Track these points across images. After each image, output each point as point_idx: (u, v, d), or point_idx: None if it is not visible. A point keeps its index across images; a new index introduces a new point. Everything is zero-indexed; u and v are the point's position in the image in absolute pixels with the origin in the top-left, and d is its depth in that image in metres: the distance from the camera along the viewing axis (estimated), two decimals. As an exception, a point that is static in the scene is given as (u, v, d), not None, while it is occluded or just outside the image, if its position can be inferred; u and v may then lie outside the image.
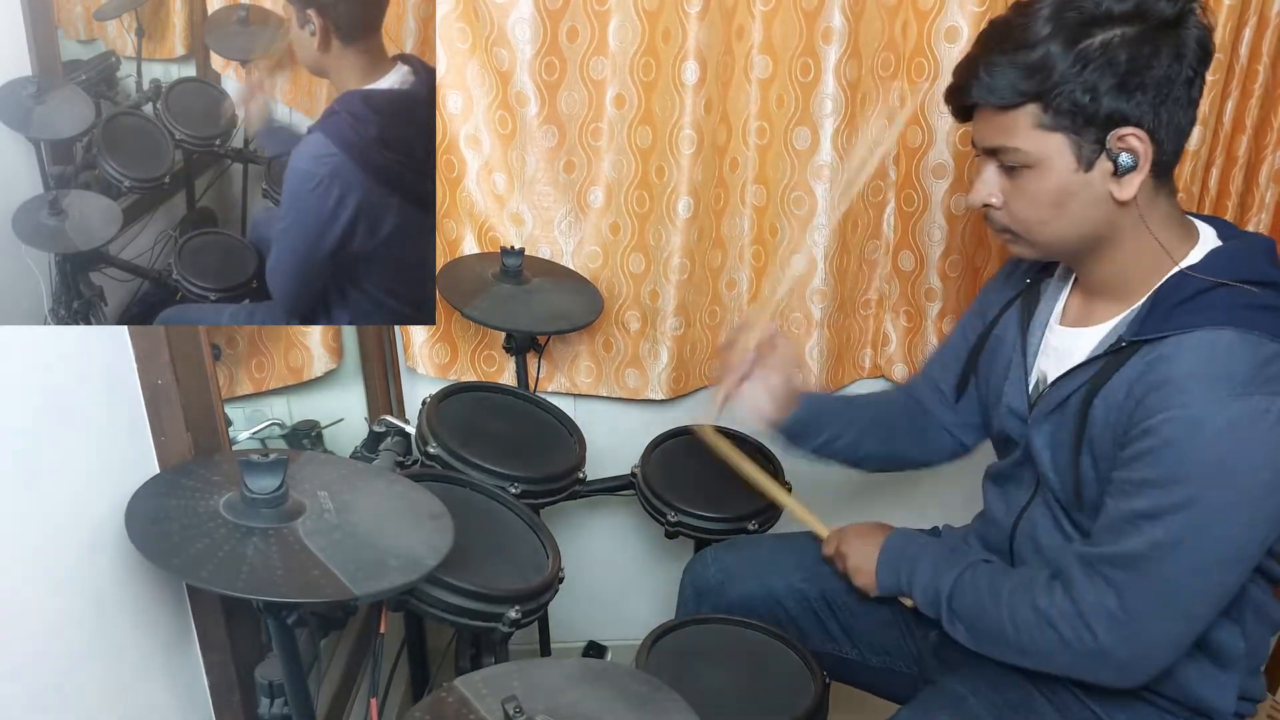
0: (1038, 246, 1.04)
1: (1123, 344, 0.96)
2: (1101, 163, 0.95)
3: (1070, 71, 0.91)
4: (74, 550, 0.82)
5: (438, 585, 1.04)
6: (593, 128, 1.51)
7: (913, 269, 1.65)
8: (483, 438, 1.37)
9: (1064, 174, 0.96)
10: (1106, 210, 0.98)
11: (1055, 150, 0.96)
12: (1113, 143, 0.94)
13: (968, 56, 1.00)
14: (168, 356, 0.92)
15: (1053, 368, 1.07)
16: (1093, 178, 0.96)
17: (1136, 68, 0.91)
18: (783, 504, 1.36)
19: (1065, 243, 1.02)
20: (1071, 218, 0.99)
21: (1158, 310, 0.95)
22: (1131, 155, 0.94)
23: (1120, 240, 1.00)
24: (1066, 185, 0.97)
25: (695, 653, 1.22)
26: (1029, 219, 1.01)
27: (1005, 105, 0.96)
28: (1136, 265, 1.00)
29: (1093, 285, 1.05)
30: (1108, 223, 0.99)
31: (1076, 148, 0.95)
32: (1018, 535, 1.14)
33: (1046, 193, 0.98)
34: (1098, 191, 0.97)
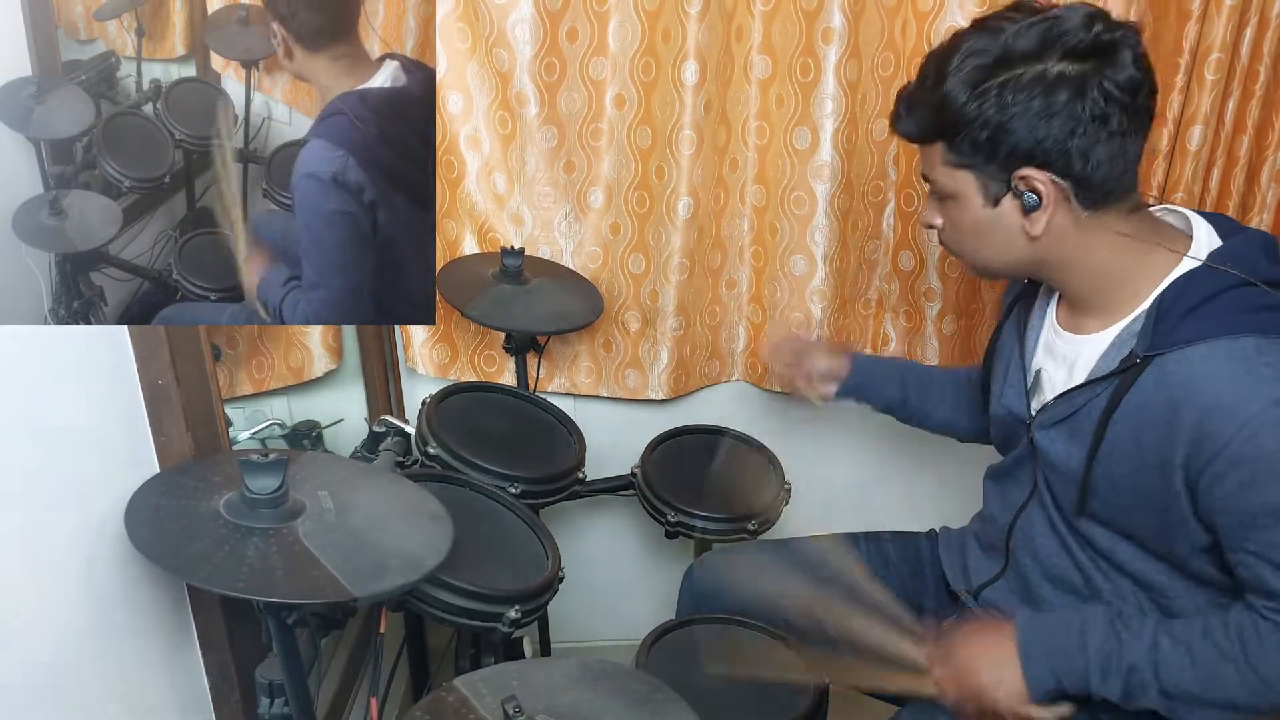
0: (976, 270, 1.08)
1: (1137, 359, 0.95)
2: (1008, 200, 0.97)
3: (969, 111, 0.93)
4: (74, 550, 0.82)
5: (438, 585, 1.04)
6: (593, 128, 1.51)
7: (912, 269, 1.65)
8: (483, 438, 1.37)
9: (974, 209, 0.99)
10: (1024, 243, 0.99)
11: (964, 186, 0.98)
12: (1016, 182, 0.95)
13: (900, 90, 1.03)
14: (168, 356, 0.92)
15: (1059, 373, 1.06)
16: (1002, 212, 0.98)
17: (1034, 107, 0.91)
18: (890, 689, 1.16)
19: (1000, 268, 1.05)
20: (994, 249, 1.02)
21: (1166, 321, 0.94)
22: (1034, 195, 0.95)
23: (1068, 263, 1.00)
24: (978, 220, 1.00)
25: (695, 653, 1.21)
26: (959, 246, 1.06)
27: (921, 141, 1.01)
28: (1110, 279, 0.99)
29: (1069, 297, 1.05)
30: (1037, 252, 1.00)
31: (983, 185, 0.97)
32: (1014, 534, 1.14)
33: (966, 224, 1.01)
34: (1011, 225, 0.98)
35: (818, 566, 1.32)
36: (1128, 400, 0.95)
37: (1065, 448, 1.03)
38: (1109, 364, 0.99)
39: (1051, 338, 1.09)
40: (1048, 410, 1.05)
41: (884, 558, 1.33)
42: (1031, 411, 1.09)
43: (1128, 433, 0.96)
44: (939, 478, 1.83)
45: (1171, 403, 0.91)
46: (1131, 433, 0.95)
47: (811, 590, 1.29)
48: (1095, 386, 0.99)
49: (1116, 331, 1.00)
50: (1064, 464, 1.03)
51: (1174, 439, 0.91)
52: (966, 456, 1.37)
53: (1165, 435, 0.92)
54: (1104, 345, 1.00)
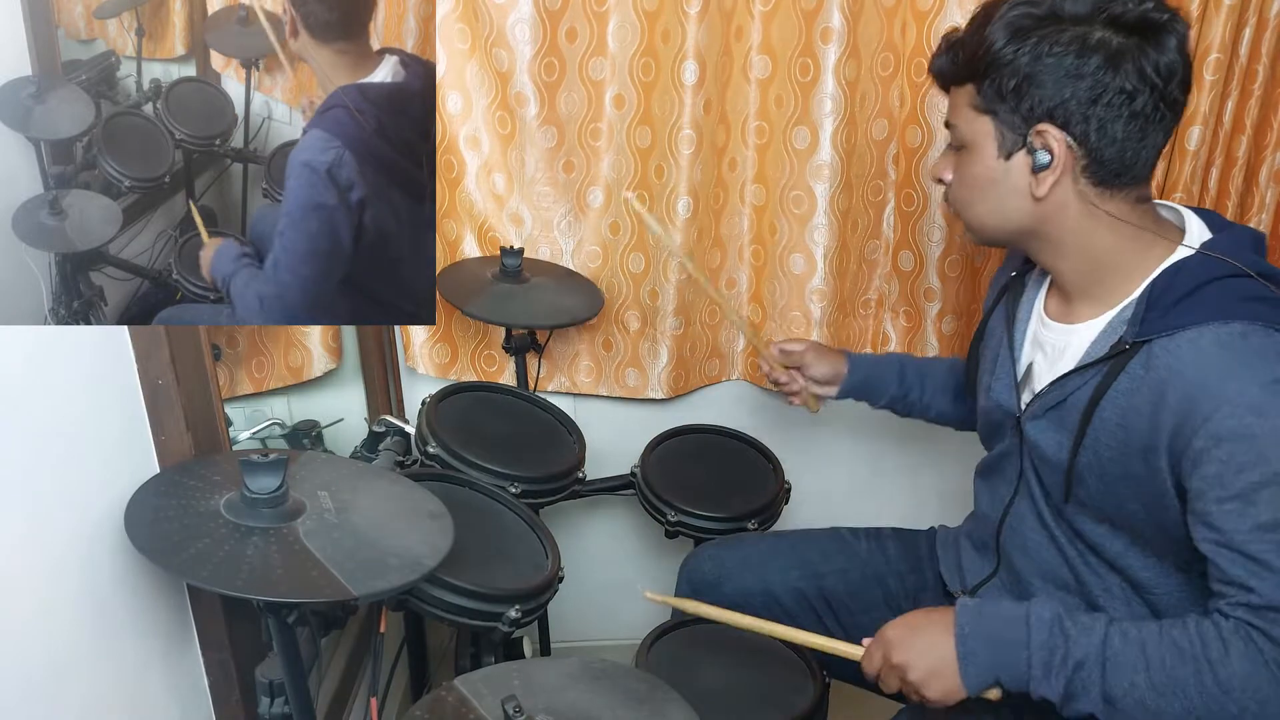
0: (971, 230, 1.08)
1: (1126, 345, 0.96)
2: (1021, 155, 0.97)
3: (1004, 56, 0.94)
4: (74, 550, 0.82)
5: (438, 585, 1.04)
6: (592, 128, 1.51)
7: (912, 269, 1.65)
8: (483, 438, 1.37)
9: (988, 159, 1.00)
10: (1026, 205, 0.99)
11: (983, 133, 0.99)
12: (1032, 137, 0.96)
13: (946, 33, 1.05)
14: (168, 356, 0.92)
15: (1047, 363, 1.07)
16: (1011, 168, 0.98)
17: (1066, 65, 0.92)
18: (798, 640, 1.10)
19: (992, 230, 1.05)
20: (991, 205, 1.02)
21: (1156, 309, 0.94)
22: (1048, 153, 0.95)
23: (1063, 240, 1.00)
24: (989, 171, 1.00)
25: (695, 652, 1.22)
26: (959, 198, 1.06)
27: (953, 82, 1.02)
28: (1105, 264, 1.00)
29: (1061, 282, 1.06)
30: (1034, 217, 1.00)
31: (1000, 135, 0.98)
32: (1004, 531, 1.14)
33: (974, 176, 1.02)
34: (1017, 184, 0.99)
35: (813, 558, 1.32)
36: (1116, 386, 0.96)
37: (1054, 436, 1.03)
38: (1099, 351, 0.99)
39: (1040, 329, 1.09)
40: (1038, 400, 1.05)
41: (885, 554, 1.33)
42: (1021, 404, 1.09)
43: (1115, 418, 0.96)
44: (939, 476, 1.83)
45: (1158, 385, 0.92)
46: (1119, 418, 0.96)
47: (806, 579, 1.30)
48: (1085, 373, 1.00)
49: (1108, 319, 1.00)
50: (1053, 453, 1.03)
51: (1159, 421, 0.91)
52: (966, 455, 1.37)
53: (1151, 418, 0.92)
54: (1094, 333, 1.01)
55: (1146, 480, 0.94)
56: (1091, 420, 0.98)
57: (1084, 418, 0.99)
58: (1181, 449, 0.90)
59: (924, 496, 1.85)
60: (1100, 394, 0.97)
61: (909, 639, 1.00)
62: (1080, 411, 0.99)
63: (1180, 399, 0.90)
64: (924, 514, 1.52)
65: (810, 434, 1.79)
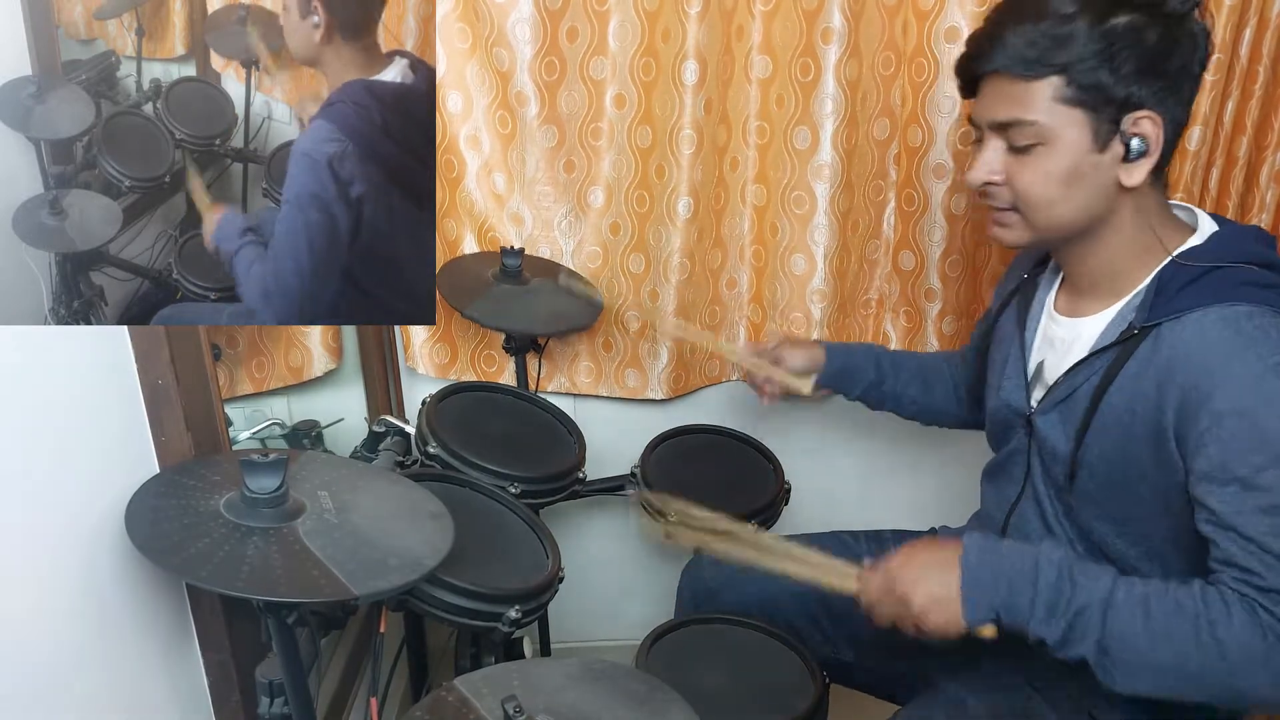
0: (1036, 229, 1.02)
1: (1134, 330, 0.96)
2: (1114, 145, 0.95)
3: (1096, 47, 0.92)
4: (74, 550, 0.82)
5: (438, 585, 1.04)
6: (593, 128, 1.51)
7: (913, 269, 1.65)
8: (483, 438, 1.37)
9: (1077, 153, 0.96)
10: (1110, 196, 0.98)
11: (1072, 126, 0.95)
12: (1128, 125, 0.94)
13: (987, 25, 0.99)
14: (168, 356, 0.92)
15: (1057, 358, 1.07)
16: (1103, 160, 0.96)
17: (1159, 53, 0.92)
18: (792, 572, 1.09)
19: (1065, 226, 1.01)
20: (1077, 200, 0.98)
21: (1164, 295, 0.95)
22: (1143, 140, 0.94)
23: (1112, 230, 1.00)
24: (1078, 165, 0.96)
25: (695, 653, 1.22)
26: (1035, 198, 0.99)
27: (1027, 75, 0.95)
28: (1124, 257, 1.00)
29: (1079, 278, 1.06)
30: (1108, 209, 0.99)
31: (1094, 126, 0.95)
32: (1008, 530, 1.14)
33: (1057, 171, 0.97)
34: (1106, 175, 0.97)
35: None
36: (1124, 372, 0.96)
37: (1062, 428, 1.03)
38: (1108, 339, 1.00)
39: (1050, 325, 1.10)
40: (1049, 395, 1.05)
41: (885, 556, 1.32)
42: (1032, 404, 1.09)
43: (1122, 404, 0.96)
44: (939, 477, 1.83)
45: (1164, 367, 0.92)
46: (1126, 403, 0.96)
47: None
48: (1093, 362, 1.00)
49: (1118, 309, 1.01)
50: (1061, 445, 1.03)
51: (1165, 401, 0.92)
52: (967, 456, 1.37)
53: (1157, 401, 0.92)
54: (1103, 324, 1.01)
55: (1152, 465, 0.95)
56: (1100, 406, 0.98)
57: (1091, 404, 0.98)
58: (1186, 429, 0.90)
59: (925, 497, 1.85)
60: (1109, 380, 0.97)
61: (912, 569, 0.98)
62: (1088, 399, 0.99)
63: (1185, 379, 0.90)
64: (924, 515, 1.52)
65: (810, 434, 1.79)
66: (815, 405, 1.77)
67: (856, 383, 1.38)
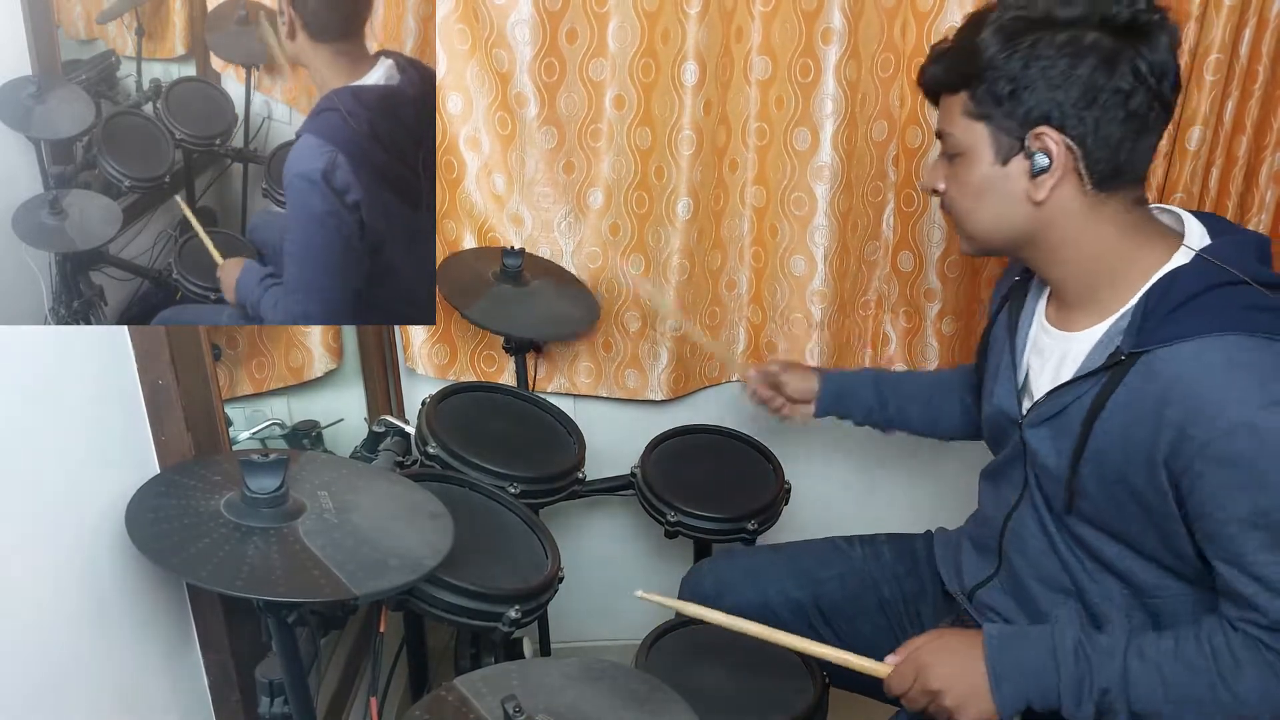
0: (969, 239, 1.06)
1: (1122, 356, 0.95)
2: (1019, 160, 0.97)
3: (997, 60, 0.94)
4: (74, 550, 0.82)
5: (438, 585, 1.04)
6: (592, 129, 1.51)
7: (912, 269, 1.65)
8: (482, 438, 1.37)
9: (984, 165, 0.99)
10: (1026, 210, 0.99)
11: (978, 140, 0.98)
12: (1030, 140, 0.95)
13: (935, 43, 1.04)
14: (168, 356, 0.92)
15: (1047, 370, 1.06)
16: (1009, 173, 0.98)
17: (1060, 67, 0.92)
18: (824, 655, 1.08)
19: (991, 237, 1.04)
20: (990, 212, 1.01)
21: (1152, 318, 0.94)
22: (1046, 156, 0.95)
23: (1062, 245, 1.00)
24: (986, 177, 0.99)
25: (695, 653, 1.22)
26: (958, 208, 1.04)
27: (947, 89, 1.01)
28: (1096, 272, 0.99)
29: (1059, 291, 1.05)
30: (1034, 222, 0.99)
31: (996, 140, 0.97)
32: (1007, 533, 1.14)
33: (971, 183, 1.01)
34: (1015, 189, 0.98)
35: (809, 568, 1.32)
36: (1115, 399, 0.95)
37: (1053, 445, 1.02)
38: (1095, 361, 0.99)
39: (1040, 335, 1.09)
40: (1037, 408, 1.05)
41: (880, 560, 1.33)
42: (1023, 411, 1.09)
43: (1116, 430, 0.95)
44: (938, 478, 1.83)
45: (1158, 400, 0.91)
46: (1120, 430, 0.95)
47: (803, 589, 1.30)
48: (1081, 384, 0.99)
49: (1104, 328, 1.00)
50: (1053, 463, 1.03)
51: (1158, 436, 0.91)
52: (964, 458, 1.37)
53: (1151, 432, 0.92)
54: (1091, 342, 1.00)
55: (1147, 491, 0.94)
56: (1092, 431, 0.97)
57: (1084, 429, 0.98)
58: (1181, 467, 0.90)
59: (924, 496, 1.85)
60: (1099, 405, 0.96)
61: (942, 662, 1.01)
62: (1080, 422, 0.98)
63: (1179, 416, 0.89)
64: (924, 513, 1.52)
65: (810, 435, 1.78)
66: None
67: (857, 406, 1.40)
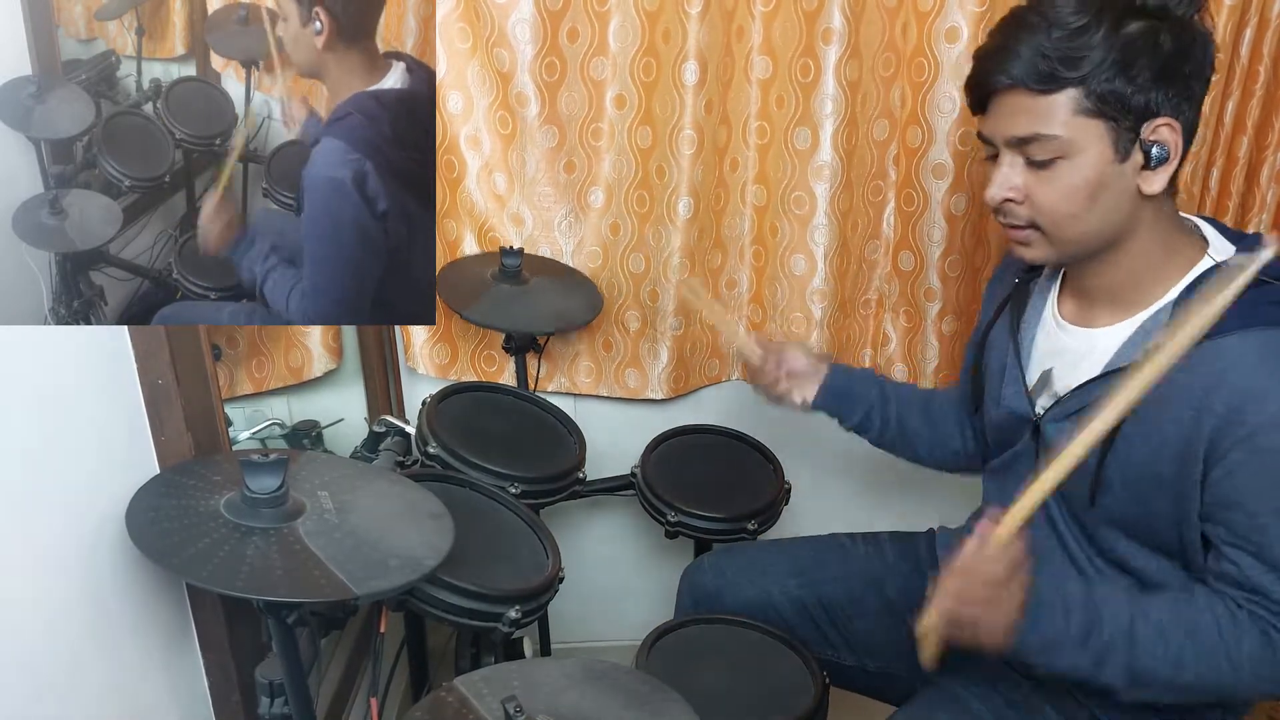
0: (1060, 244, 1.00)
1: None
2: (1135, 154, 0.95)
3: (1112, 57, 0.91)
4: (74, 550, 0.82)
5: (438, 585, 1.04)
6: (593, 128, 1.51)
7: (912, 269, 1.64)
8: (483, 438, 1.37)
9: (1100, 164, 0.95)
10: (1131, 206, 0.97)
11: (1094, 138, 0.94)
12: (1147, 133, 0.94)
13: (995, 40, 0.98)
14: (168, 356, 0.92)
15: (1067, 367, 1.05)
16: (1125, 169, 0.95)
17: (1173, 58, 0.91)
18: None
19: (1088, 240, 0.99)
20: (1100, 212, 0.97)
21: None
22: (1163, 147, 0.94)
23: (1133, 240, 0.99)
24: (1101, 176, 0.95)
25: (695, 653, 1.22)
26: (1060, 213, 0.98)
27: (1044, 89, 0.94)
28: (1143, 268, 0.99)
29: (1094, 290, 1.04)
30: (1130, 221, 0.98)
31: (1114, 136, 0.94)
32: None
33: (1081, 184, 0.96)
34: (1128, 184, 0.96)
35: (811, 565, 1.32)
36: (1152, 392, 0.94)
37: None
38: (1128, 355, 0.98)
39: (1056, 332, 1.08)
40: (1062, 404, 1.04)
41: (882, 558, 1.33)
42: (1038, 409, 1.08)
43: (1149, 423, 0.94)
44: (938, 479, 1.82)
45: (1202, 390, 0.90)
46: (1153, 422, 0.94)
47: (806, 587, 1.30)
48: (1113, 378, 0.98)
49: (1139, 322, 0.99)
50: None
51: (1200, 425, 0.91)
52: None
53: (1192, 423, 0.91)
54: (1123, 337, 1.00)
55: (1173, 482, 0.94)
56: (1123, 427, 0.95)
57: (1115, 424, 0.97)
58: (1218, 456, 0.90)
59: (924, 496, 1.84)
60: None
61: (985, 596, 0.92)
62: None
63: (1224, 407, 0.89)
64: (923, 514, 1.52)
65: (811, 434, 1.78)
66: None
67: (858, 403, 1.32)
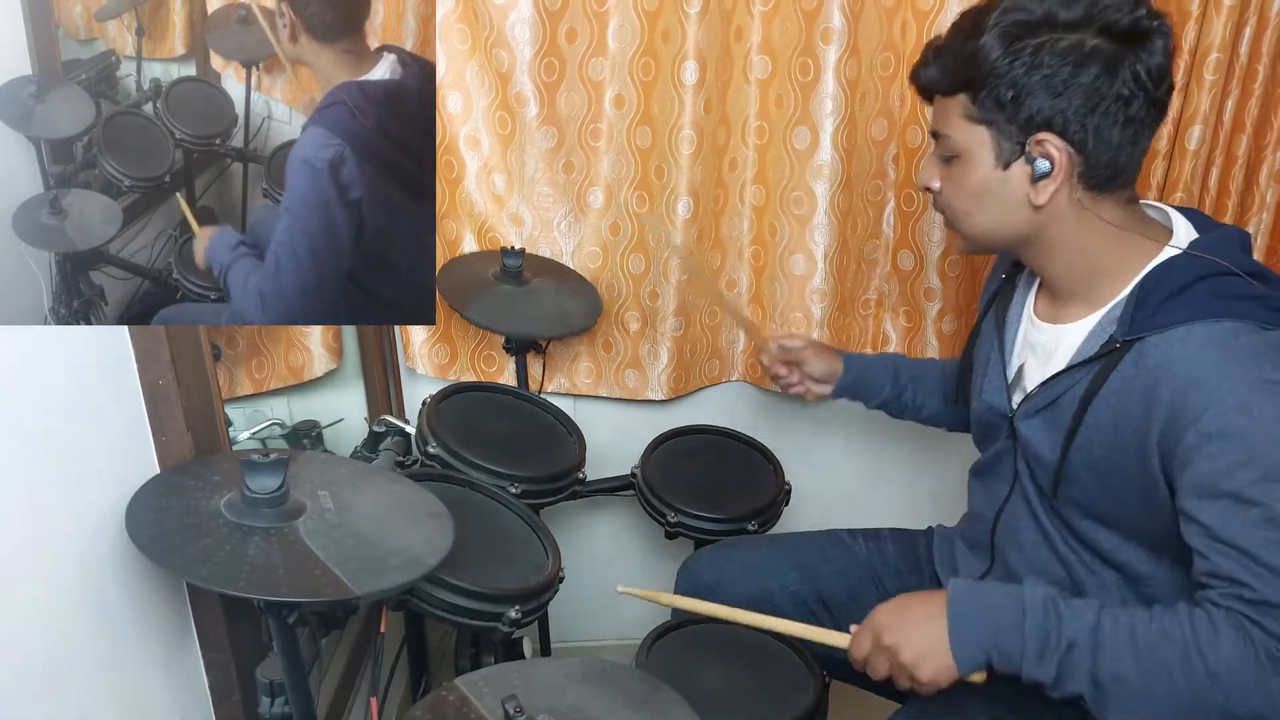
0: (966, 238, 1.07)
1: (1116, 343, 0.96)
2: (1020, 165, 0.97)
3: (1000, 66, 0.93)
4: (75, 550, 0.82)
5: (438, 585, 1.04)
6: (592, 128, 1.51)
7: (912, 269, 1.65)
8: (483, 438, 1.37)
9: (984, 169, 0.99)
10: (1025, 213, 0.99)
11: (978, 144, 0.98)
12: (1031, 146, 0.95)
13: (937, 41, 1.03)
14: (168, 356, 0.92)
15: (1038, 364, 1.07)
16: (1010, 177, 0.98)
17: (1064, 74, 0.91)
18: (782, 630, 1.06)
19: (989, 238, 1.04)
20: (989, 214, 1.01)
21: (1145, 307, 0.95)
22: (1047, 161, 0.95)
23: (1057, 244, 1.01)
24: (985, 181, 0.99)
25: (695, 652, 1.22)
26: (954, 209, 1.04)
27: (944, 91, 1.00)
28: (1090, 267, 1.00)
29: (1052, 285, 1.06)
30: (1033, 225, 1.00)
31: (997, 145, 0.97)
32: (999, 529, 1.15)
33: (969, 185, 1.01)
34: (1015, 193, 0.98)
35: (811, 561, 1.32)
36: (1108, 385, 0.96)
37: (1046, 435, 1.03)
38: (1089, 349, 1.00)
39: (1030, 330, 1.10)
40: (1029, 400, 1.05)
41: (883, 555, 1.33)
42: (1013, 405, 1.09)
43: (1107, 416, 0.96)
44: (938, 477, 1.83)
45: (1150, 383, 0.92)
46: (1111, 416, 0.96)
47: (805, 582, 1.30)
48: (1075, 372, 1.00)
49: (1097, 319, 1.01)
50: (1045, 452, 1.03)
51: (1151, 418, 0.92)
52: (965, 455, 1.37)
53: (1143, 416, 0.92)
54: (1084, 332, 1.01)
55: (1139, 476, 0.95)
56: (1084, 419, 0.98)
57: (1075, 416, 0.99)
58: (1171, 447, 0.90)
59: (924, 495, 1.85)
60: (1092, 393, 0.97)
61: (900, 621, 0.97)
62: (1072, 410, 0.99)
63: (1171, 396, 0.90)
64: (923, 514, 1.52)
65: (810, 434, 1.79)
66: (816, 405, 1.77)
67: (873, 394, 1.40)
